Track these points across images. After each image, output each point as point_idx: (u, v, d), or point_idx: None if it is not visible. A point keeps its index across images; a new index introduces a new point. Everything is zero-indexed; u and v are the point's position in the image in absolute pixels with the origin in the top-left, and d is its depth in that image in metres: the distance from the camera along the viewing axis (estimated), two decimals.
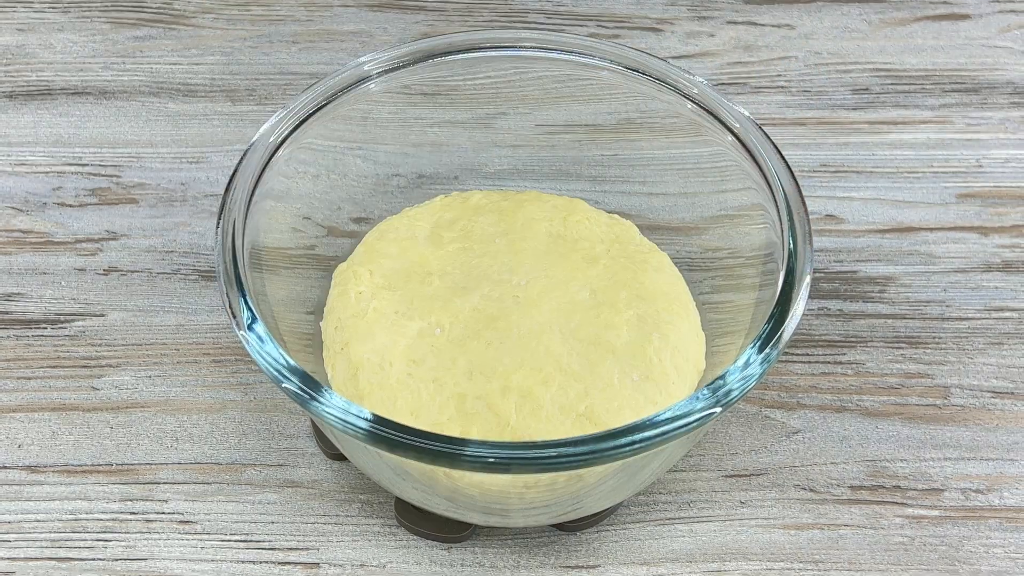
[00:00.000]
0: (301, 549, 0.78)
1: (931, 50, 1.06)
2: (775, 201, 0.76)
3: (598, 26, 1.07)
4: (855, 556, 0.78)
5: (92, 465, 0.81)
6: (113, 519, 0.79)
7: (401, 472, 0.70)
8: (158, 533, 0.79)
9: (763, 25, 1.07)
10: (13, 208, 0.94)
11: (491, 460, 0.65)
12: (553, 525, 0.78)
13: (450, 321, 0.77)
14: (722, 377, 0.68)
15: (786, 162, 0.77)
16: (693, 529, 0.79)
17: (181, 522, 0.79)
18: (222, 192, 0.78)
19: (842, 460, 0.82)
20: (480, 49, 0.84)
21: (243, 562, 0.78)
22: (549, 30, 0.85)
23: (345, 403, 0.67)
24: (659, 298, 0.80)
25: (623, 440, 0.65)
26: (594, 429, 0.71)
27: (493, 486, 0.70)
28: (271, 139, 0.78)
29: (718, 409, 0.67)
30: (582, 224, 0.84)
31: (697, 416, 0.66)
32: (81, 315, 0.88)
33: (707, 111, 0.81)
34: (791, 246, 0.74)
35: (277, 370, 0.68)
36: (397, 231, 0.83)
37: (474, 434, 0.72)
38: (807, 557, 0.78)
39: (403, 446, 0.65)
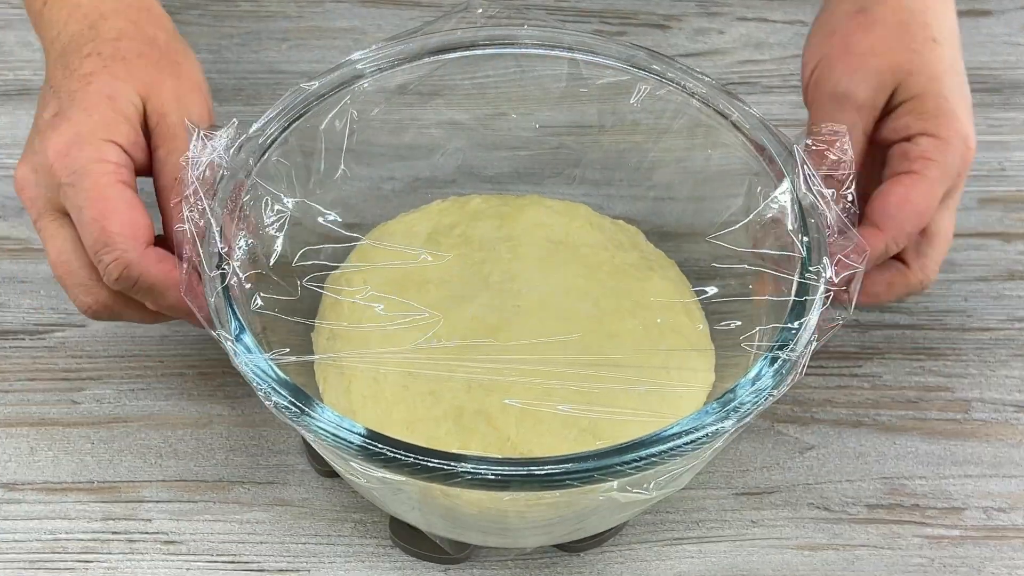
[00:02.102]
0: (291, 571, 0.78)
1: None
2: (788, 206, 0.76)
3: (602, 23, 1.07)
4: None
5: (72, 482, 0.81)
6: (94, 539, 0.79)
7: (396, 489, 0.70)
8: (141, 554, 0.79)
9: (774, 22, 1.07)
10: None
11: (490, 477, 0.65)
12: (555, 545, 0.78)
13: (448, 331, 0.77)
14: (732, 391, 0.68)
15: (800, 165, 0.77)
16: (702, 549, 0.79)
17: (165, 542, 0.79)
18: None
19: (858, 477, 0.82)
20: (479, 47, 0.84)
21: None
22: (551, 27, 0.85)
23: (337, 418, 0.67)
24: (666, 307, 0.80)
25: (629, 456, 0.65)
26: (598, 444, 0.71)
27: (492, 504, 0.70)
28: (259, 141, 0.78)
29: (729, 424, 0.67)
30: (585, 230, 0.84)
31: (706, 431, 0.66)
32: (61, 325, 0.88)
33: (716, 112, 0.81)
34: (805, 253, 0.74)
35: (266, 383, 0.68)
36: (392, 237, 0.83)
37: (472, 449, 0.73)
38: None
39: (398, 463, 0.65)
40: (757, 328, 0.75)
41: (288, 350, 0.73)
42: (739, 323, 0.77)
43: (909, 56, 0.79)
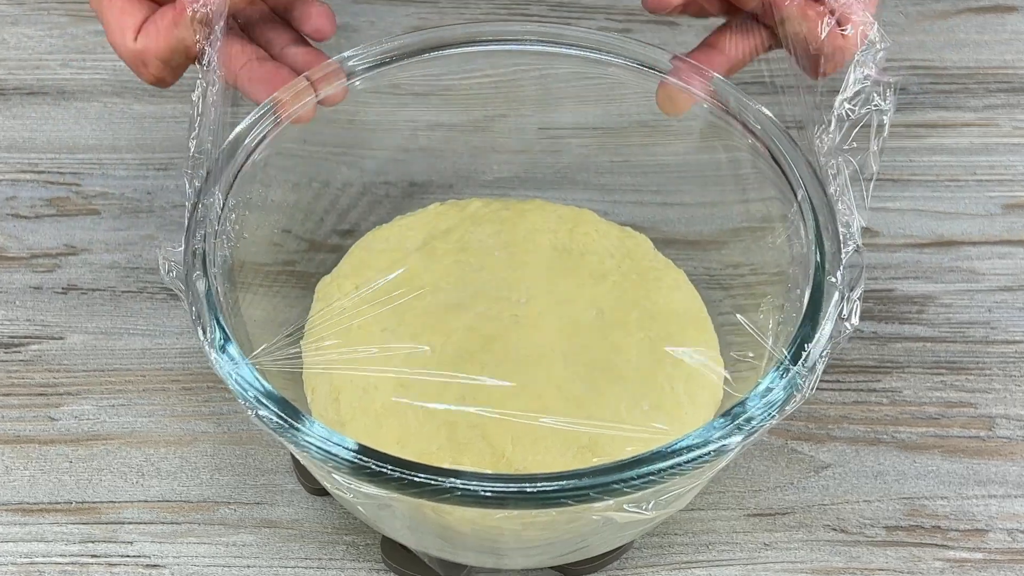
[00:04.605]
0: None
1: (974, 46, 1.07)
2: (801, 212, 0.77)
3: (607, 19, 1.08)
4: None
5: (49, 503, 0.82)
6: (72, 562, 0.80)
7: (385, 506, 0.70)
8: None
9: None
10: None
11: (484, 494, 0.65)
12: (554, 567, 0.79)
13: (442, 341, 0.78)
14: (742, 404, 0.68)
15: (814, 169, 0.78)
16: (712, 574, 0.80)
17: (148, 566, 0.80)
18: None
19: (876, 498, 0.83)
20: (477, 44, 0.84)
21: None
22: (553, 23, 0.85)
23: (327, 432, 0.67)
24: (673, 319, 0.80)
25: (630, 473, 0.65)
26: (598, 462, 0.71)
27: (487, 523, 0.70)
28: (246, 142, 0.79)
29: (737, 439, 0.67)
30: (590, 237, 0.84)
31: (713, 447, 0.66)
32: (37, 338, 0.89)
33: (727, 113, 0.82)
34: (819, 261, 0.74)
35: (251, 394, 0.69)
36: (387, 241, 0.84)
37: (466, 465, 0.73)
38: None
39: (385, 477, 0.65)
40: (769, 339, 0.75)
41: (275, 359, 0.73)
42: (750, 335, 0.77)
43: None
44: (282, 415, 0.67)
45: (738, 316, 0.81)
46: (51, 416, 0.85)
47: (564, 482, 0.65)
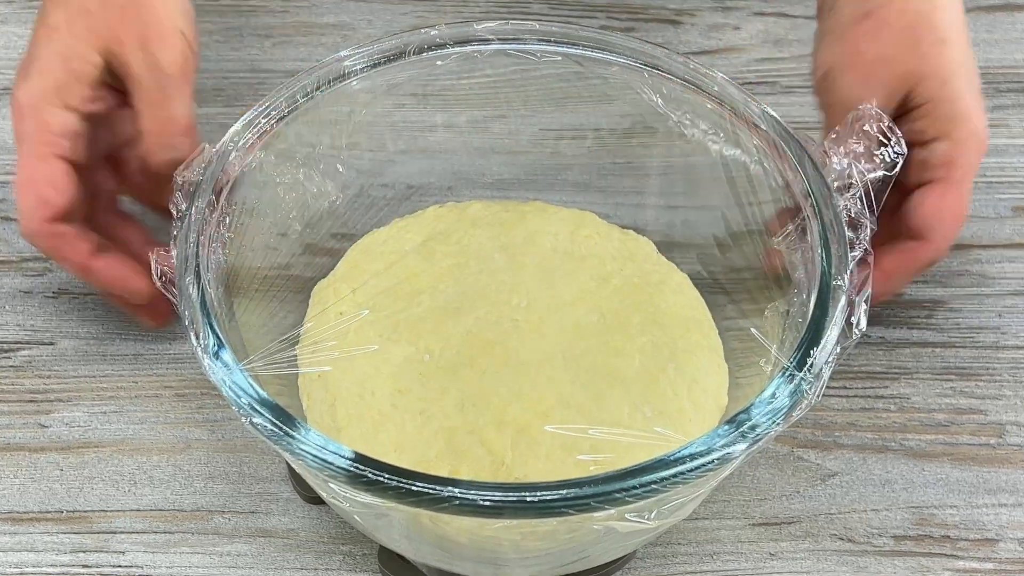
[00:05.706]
0: None
1: (984, 45, 1.07)
2: (807, 215, 0.77)
3: (609, 18, 1.08)
4: None
5: (40, 512, 0.82)
6: (63, 572, 0.80)
7: (382, 515, 0.70)
8: None
9: (794, 17, 1.08)
10: None
11: (483, 503, 0.64)
12: None
13: (440, 346, 0.78)
14: (746, 411, 0.68)
15: (820, 170, 0.78)
16: None
17: None
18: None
19: (884, 507, 0.83)
20: (477, 43, 0.84)
21: None
22: (554, 22, 0.85)
23: (323, 440, 0.67)
24: (676, 323, 0.80)
25: (632, 482, 0.65)
26: (599, 470, 0.71)
27: (484, 533, 0.70)
28: (240, 144, 0.79)
29: (741, 447, 0.67)
30: (592, 240, 0.84)
31: (717, 455, 0.66)
32: (27, 343, 0.89)
33: (732, 114, 0.82)
34: (825, 264, 0.74)
35: (246, 402, 0.69)
36: (384, 244, 0.84)
37: (464, 473, 0.73)
38: None
39: (381, 486, 0.65)
40: (774, 345, 0.75)
41: (270, 365, 0.73)
42: (754, 340, 0.77)
43: (919, 62, 0.83)
44: (277, 422, 0.67)
45: (742, 321, 0.81)
46: (41, 423, 0.85)
47: (565, 491, 0.64)
